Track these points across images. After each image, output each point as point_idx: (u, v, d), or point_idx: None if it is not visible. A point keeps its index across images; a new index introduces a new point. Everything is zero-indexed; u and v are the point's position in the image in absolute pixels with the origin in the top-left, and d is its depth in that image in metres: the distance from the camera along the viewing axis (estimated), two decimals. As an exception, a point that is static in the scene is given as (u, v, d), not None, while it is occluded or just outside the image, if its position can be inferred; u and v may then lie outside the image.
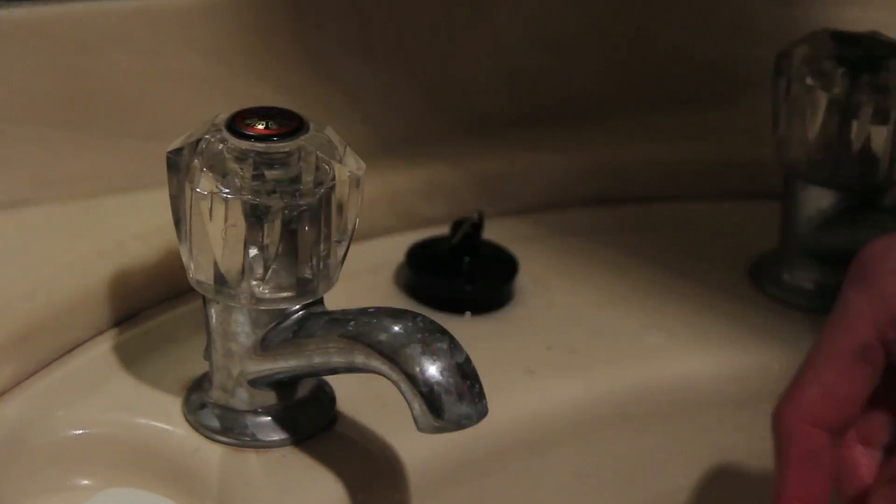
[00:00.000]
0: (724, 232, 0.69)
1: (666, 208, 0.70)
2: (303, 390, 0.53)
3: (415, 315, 0.49)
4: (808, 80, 0.61)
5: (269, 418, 0.53)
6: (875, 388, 0.48)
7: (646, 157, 0.71)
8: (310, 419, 0.53)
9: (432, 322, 0.48)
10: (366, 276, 0.63)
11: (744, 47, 0.74)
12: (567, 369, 0.59)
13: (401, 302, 0.61)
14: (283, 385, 0.52)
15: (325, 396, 0.54)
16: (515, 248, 0.64)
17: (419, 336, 0.48)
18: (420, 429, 0.47)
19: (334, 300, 0.52)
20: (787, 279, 0.64)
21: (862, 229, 0.61)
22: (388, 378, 0.48)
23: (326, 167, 0.50)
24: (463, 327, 0.60)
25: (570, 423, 0.58)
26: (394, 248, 0.64)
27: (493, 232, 0.64)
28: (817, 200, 0.62)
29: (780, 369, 0.61)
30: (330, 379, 0.55)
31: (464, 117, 0.70)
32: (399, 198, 0.66)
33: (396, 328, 0.48)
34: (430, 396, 0.47)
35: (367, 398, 0.54)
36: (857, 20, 0.69)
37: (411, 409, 0.47)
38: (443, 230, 0.64)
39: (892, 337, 0.47)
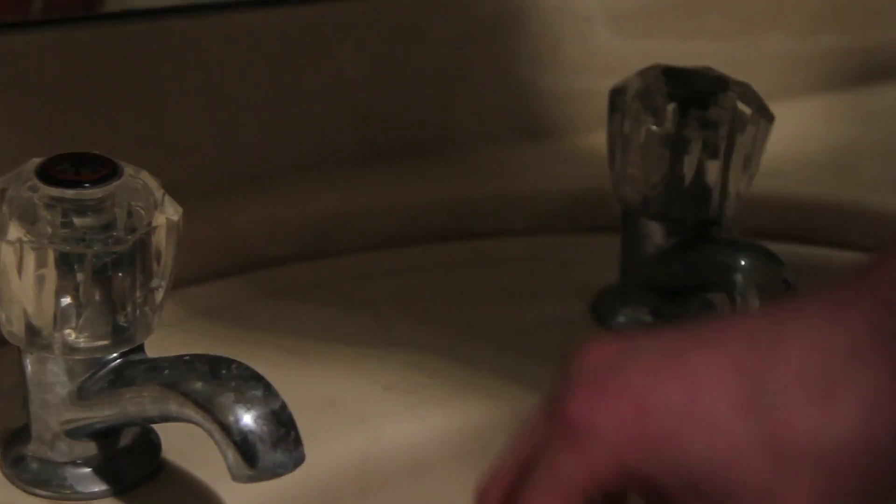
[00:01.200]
0: (568, 266, 0.69)
1: (511, 243, 0.70)
2: (125, 439, 0.52)
3: (230, 362, 0.48)
4: (641, 116, 0.61)
5: (90, 469, 0.51)
6: None
7: (491, 192, 0.71)
8: (133, 468, 0.52)
9: (248, 369, 0.48)
10: (202, 320, 0.62)
11: (589, 81, 0.74)
12: (402, 410, 0.58)
13: (240, 345, 0.60)
14: (104, 434, 0.51)
15: (149, 444, 0.53)
16: (358, 287, 0.64)
17: (233, 384, 0.47)
18: (234, 478, 0.47)
19: (168, 346, 0.51)
20: (626, 312, 0.64)
21: (695, 262, 0.62)
22: (203, 427, 0.47)
23: (142, 212, 0.49)
24: (299, 368, 0.60)
25: (406, 464, 0.57)
26: (233, 290, 0.63)
27: (336, 270, 0.64)
28: (652, 234, 0.62)
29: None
30: (157, 425, 0.54)
31: (306, 154, 0.69)
32: (238, 238, 0.66)
33: (210, 376, 0.47)
34: (243, 445, 0.46)
35: (195, 445, 0.53)
36: (704, 53, 0.70)
37: (225, 458, 0.47)
38: (288, 272, 0.63)
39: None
